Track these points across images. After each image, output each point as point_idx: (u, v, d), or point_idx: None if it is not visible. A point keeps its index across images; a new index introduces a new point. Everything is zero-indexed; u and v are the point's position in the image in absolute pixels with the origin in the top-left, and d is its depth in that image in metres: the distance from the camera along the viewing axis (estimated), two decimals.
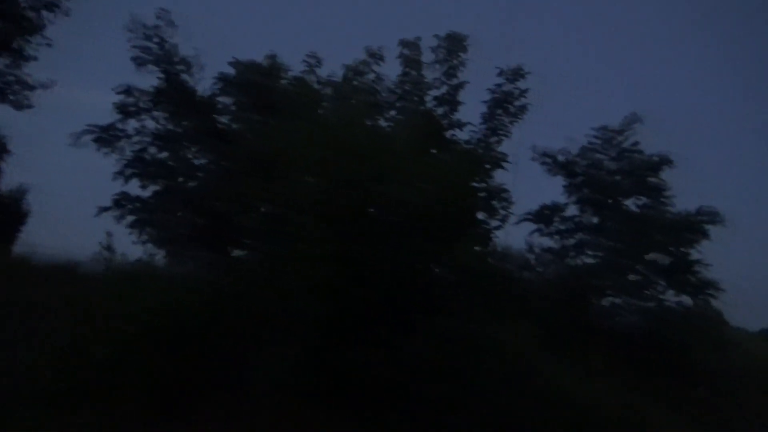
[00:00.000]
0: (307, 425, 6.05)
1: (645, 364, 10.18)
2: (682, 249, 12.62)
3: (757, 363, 12.65)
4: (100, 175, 12.05)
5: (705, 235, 12.58)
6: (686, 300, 12.38)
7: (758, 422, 8.60)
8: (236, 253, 10.97)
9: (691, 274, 12.39)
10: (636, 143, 13.43)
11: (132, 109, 11.66)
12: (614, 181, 13.36)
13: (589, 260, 13.52)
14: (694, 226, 12.64)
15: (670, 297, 12.38)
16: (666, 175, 13.18)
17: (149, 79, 11.79)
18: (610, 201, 13.36)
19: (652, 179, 13.19)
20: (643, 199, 13.32)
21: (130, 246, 11.52)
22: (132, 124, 11.82)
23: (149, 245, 11.62)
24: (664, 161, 13.06)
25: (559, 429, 6.87)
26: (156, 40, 11.40)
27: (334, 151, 6.75)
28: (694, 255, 12.54)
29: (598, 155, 13.81)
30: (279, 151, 6.94)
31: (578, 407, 7.17)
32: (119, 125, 11.64)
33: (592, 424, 7.16)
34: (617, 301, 12.92)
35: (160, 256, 11.40)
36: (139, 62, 11.54)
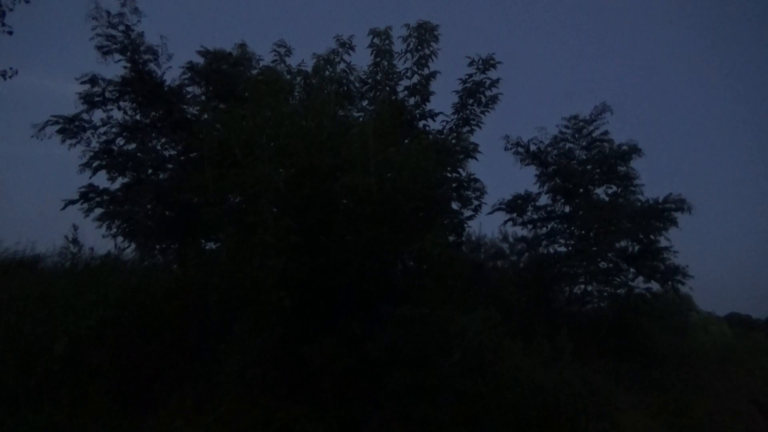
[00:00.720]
0: (273, 416, 6.03)
1: (612, 349, 10.40)
2: (651, 236, 12.88)
3: (720, 346, 12.99)
4: (66, 167, 11.81)
5: (673, 222, 12.87)
6: (655, 286, 12.66)
7: (716, 402, 8.85)
8: (207, 244, 10.89)
9: (660, 260, 12.66)
10: (606, 133, 13.66)
11: (98, 99, 11.39)
12: (585, 170, 13.55)
13: (561, 248, 13.74)
14: (662, 213, 12.92)
15: (640, 283, 12.65)
16: (635, 163, 13.46)
17: (115, 69, 11.55)
18: (581, 190, 13.55)
19: (621, 168, 13.43)
20: (613, 188, 13.57)
21: (99, 240, 11.35)
22: (98, 115, 11.57)
23: (119, 238, 11.45)
24: (633, 150, 13.31)
25: (525, 413, 6.97)
26: (121, 28, 11.15)
27: (300, 141, 6.70)
28: (663, 242, 12.83)
29: (569, 145, 14.02)
30: (245, 140, 6.87)
31: (545, 391, 7.29)
32: (84, 116, 11.38)
33: (558, 408, 7.28)
34: (589, 288, 13.17)
35: (129, 249, 11.24)
36: (104, 51, 11.27)
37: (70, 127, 11.22)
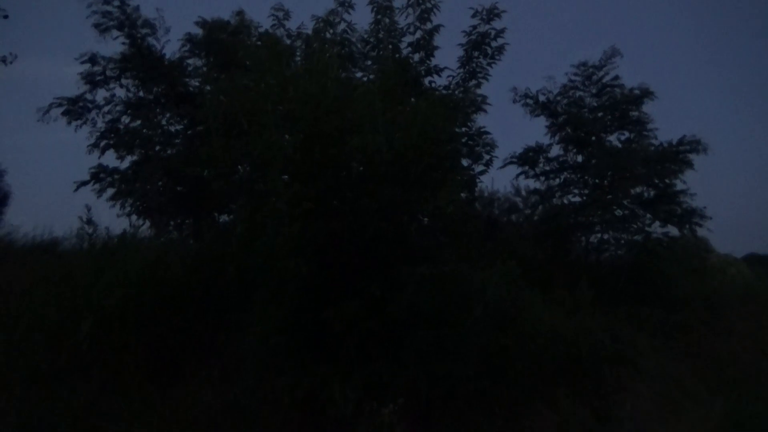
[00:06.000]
0: (300, 382, 6.10)
1: (632, 295, 10.37)
2: (667, 180, 12.72)
3: (741, 287, 12.93)
4: (75, 150, 11.82)
5: (688, 164, 12.67)
6: (673, 230, 12.55)
7: (740, 342, 8.84)
8: (221, 217, 10.93)
9: (676, 204, 12.52)
10: (616, 78, 13.33)
11: (99, 78, 11.33)
12: (596, 118, 13.30)
13: (576, 199, 13.61)
14: (677, 156, 12.70)
15: (657, 229, 12.55)
16: (647, 107, 13.16)
17: (115, 46, 11.44)
18: (593, 138, 13.33)
19: (633, 113, 13.16)
20: (626, 134, 13.33)
21: (114, 219, 11.46)
22: (101, 94, 11.52)
23: (133, 217, 11.54)
24: (645, 94, 13.01)
25: (548, 363, 7.02)
26: (116, 3, 10.97)
27: (305, 105, 6.58)
28: (679, 185, 12.67)
29: (579, 93, 13.74)
30: (249, 108, 6.77)
31: (567, 341, 7.32)
32: (88, 96, 11.34)
33: (581, 356, 7.32)
34: (605, 236, 13.08)
35: (144, 227, 11.32)
36: (101, 29, 11.15)
37: (75, 109, 11.20)
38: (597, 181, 13.21)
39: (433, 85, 11.02)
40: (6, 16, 11.97)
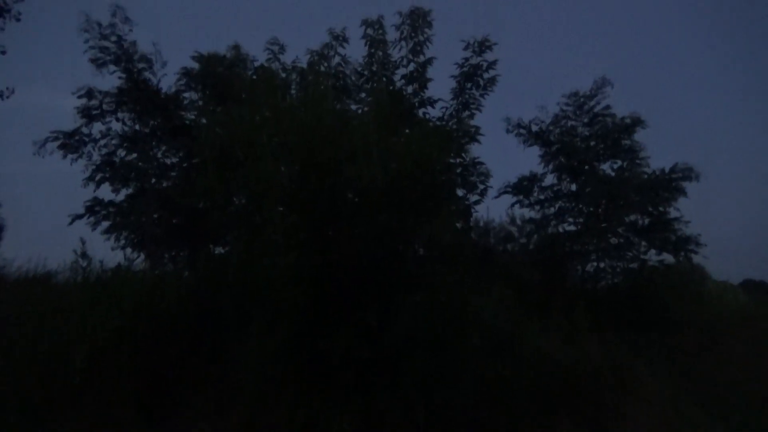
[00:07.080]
0: (296, 413, 6.02)
1: (630, 322, 10.32)
2: (660, 208, 12.78)
3: (738, 313, 12.88)
4: (72, 181, 11.82)
5: (681, 192, 12.74)
6: (668, 258, 12.55)
7: (739, 369, 8.77)
8: (216, 249, 10.89)
9: (671, 231, 12.55)
10: (607, 107, 13.53)
11: (95, 112, 11.43)
12: (588, 147, 13.43)
13: (571, 227, 13.63)
14: (670, 183, 12.79)
15: (652, 256, 12.55)
16: (639, 135, 13.32)
17: (111, 80, 11.58)
18: (586, 167, 13.44)
19: (625, 141, 13.31)
20: (619, 162, 13.45)
21: (108, 252, 11.41)
22: (97, 128, 11.60)
23: (127, 250, 11.51)
24: (636, 122, 13.17)
25: (546, 391, 6.94)
26: (113, 38, 11.15)
27: (300, 136, 6.65)
28: (673, 213, 12.71)
29: (570, 122, 13.91)
30: (245, 140, 6.83)
31: (566, 368, 7.25)
32: (84, 129, 11.41)
33: (580, 384, 7.25)
34: (601, 264, 13.07)
35: (139, 259, 11.28)
36: (98, 63, 11.30)
37: (71, 142, 11.26)
38: (591, 209, 13.25)
39: (427, 116, 11.18)
40: (3, 52, 12.15)
